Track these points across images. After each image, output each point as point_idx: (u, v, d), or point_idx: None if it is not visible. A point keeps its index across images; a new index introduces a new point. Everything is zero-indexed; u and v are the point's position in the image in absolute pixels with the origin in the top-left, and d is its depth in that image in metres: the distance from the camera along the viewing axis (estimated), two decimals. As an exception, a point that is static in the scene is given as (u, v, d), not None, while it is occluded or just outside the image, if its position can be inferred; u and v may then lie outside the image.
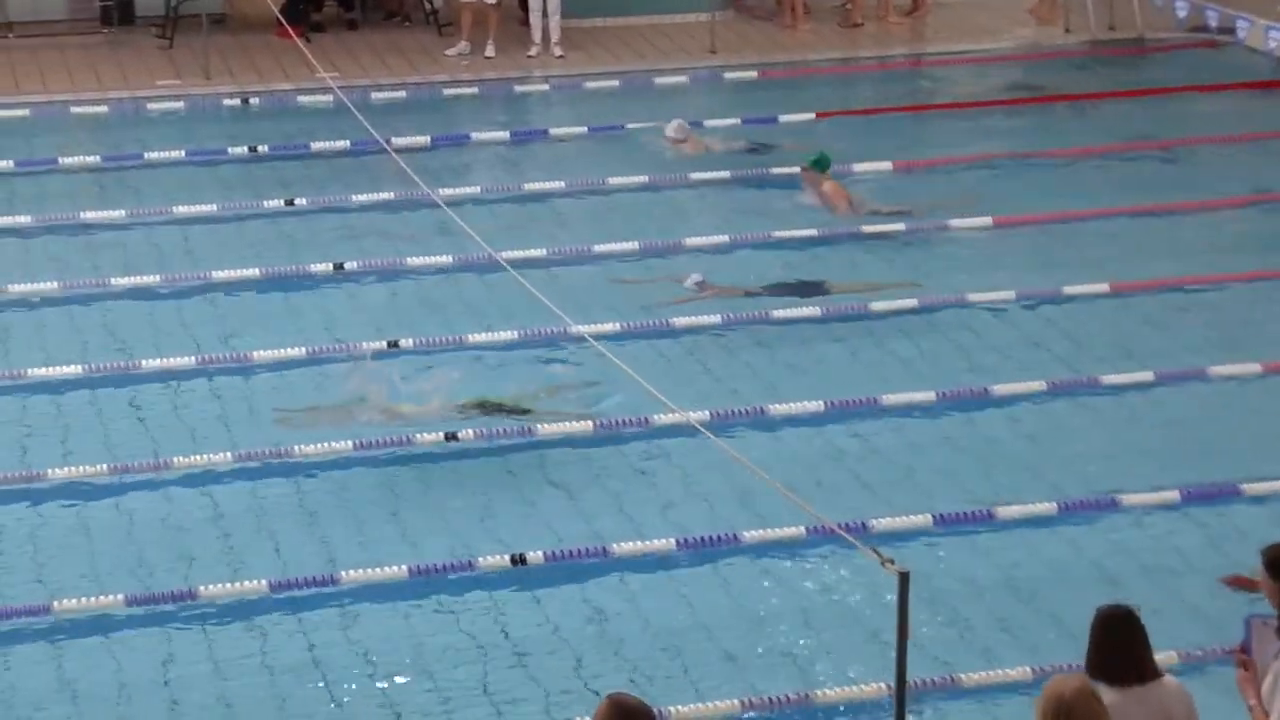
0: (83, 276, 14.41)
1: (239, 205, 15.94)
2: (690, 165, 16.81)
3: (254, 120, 18.37)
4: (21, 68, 19.50)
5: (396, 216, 15.74)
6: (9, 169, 16.82)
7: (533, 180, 16.52)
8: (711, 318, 13.66)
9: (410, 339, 13.25)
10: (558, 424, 11.98)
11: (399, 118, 18.13)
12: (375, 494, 11.34)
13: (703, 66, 19.97)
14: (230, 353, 13.10)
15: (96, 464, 11.48)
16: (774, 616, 10.11)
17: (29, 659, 9.71)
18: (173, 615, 10.05)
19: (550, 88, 19.44)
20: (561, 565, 10.49)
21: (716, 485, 11.36)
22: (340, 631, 9.97)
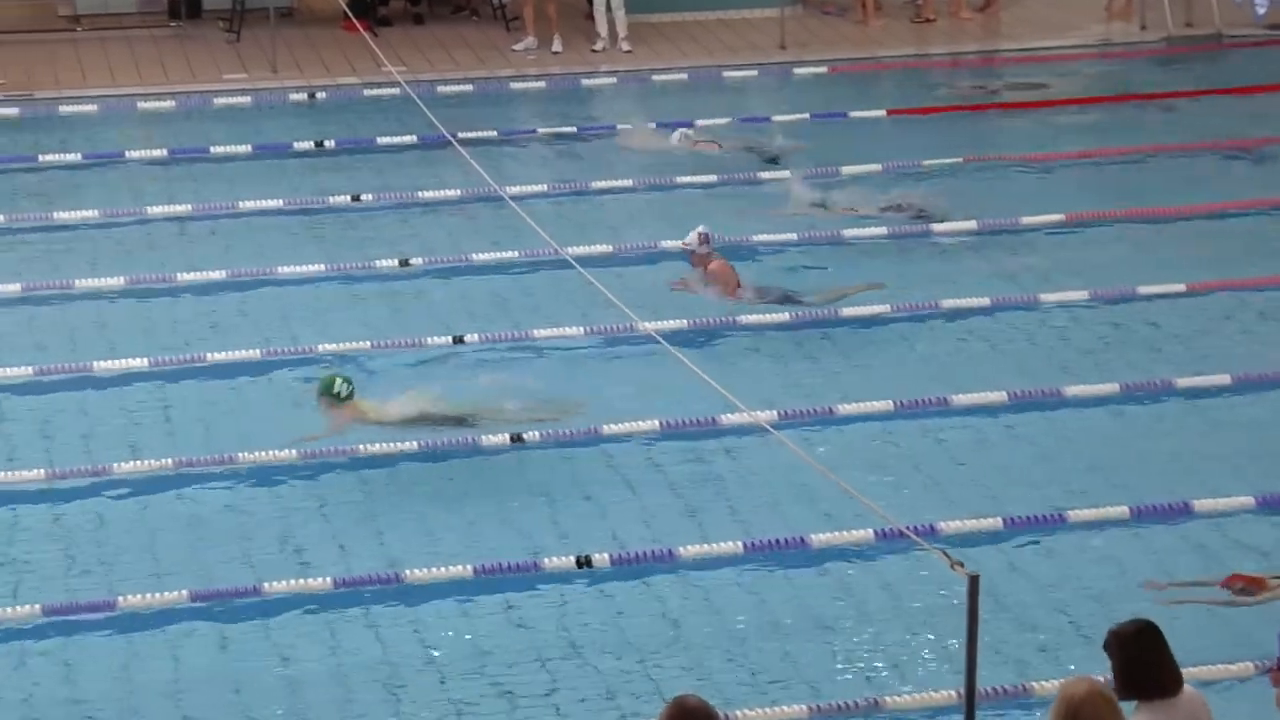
0: (148, 271, 14.49)
1: (305, 200, 16.01)
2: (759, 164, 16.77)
3: (320, 115, 18.44)
4: (89, 61, 19.64)
5: (462, 212, 15.77)
6: (76, 162, 16.95)
7: (599, 176, 16.52)
8: (779, 315, 13.63)
9: (475, 334, 13.27)
10: (623, 423, 11.96)
11: (465, 112, 18.17)
12: (439, 493, 11.36)
13: (772, 62, 19.92)
14: (295, 347, 13.14)
15: (162, 458, 11.53)
16: (841, 620, 10.07)
17: (94, 654, 9.77)
18: (237, 612, 10.09)
19: (617, 82, 19.43)
20: (627, 567, 10.48)
21: (783, 486, 11.32)
22: (404, 630, 9.98)
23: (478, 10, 21.40)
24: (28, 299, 14.02)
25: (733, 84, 19.42)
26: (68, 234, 15.37)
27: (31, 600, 10.12)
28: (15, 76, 19.05)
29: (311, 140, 17.45)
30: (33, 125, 18.00)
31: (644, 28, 20.90)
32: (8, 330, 13.57)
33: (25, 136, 17.65)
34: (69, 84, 18.95)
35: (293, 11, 21.19)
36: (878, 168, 16.69)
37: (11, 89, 18.70)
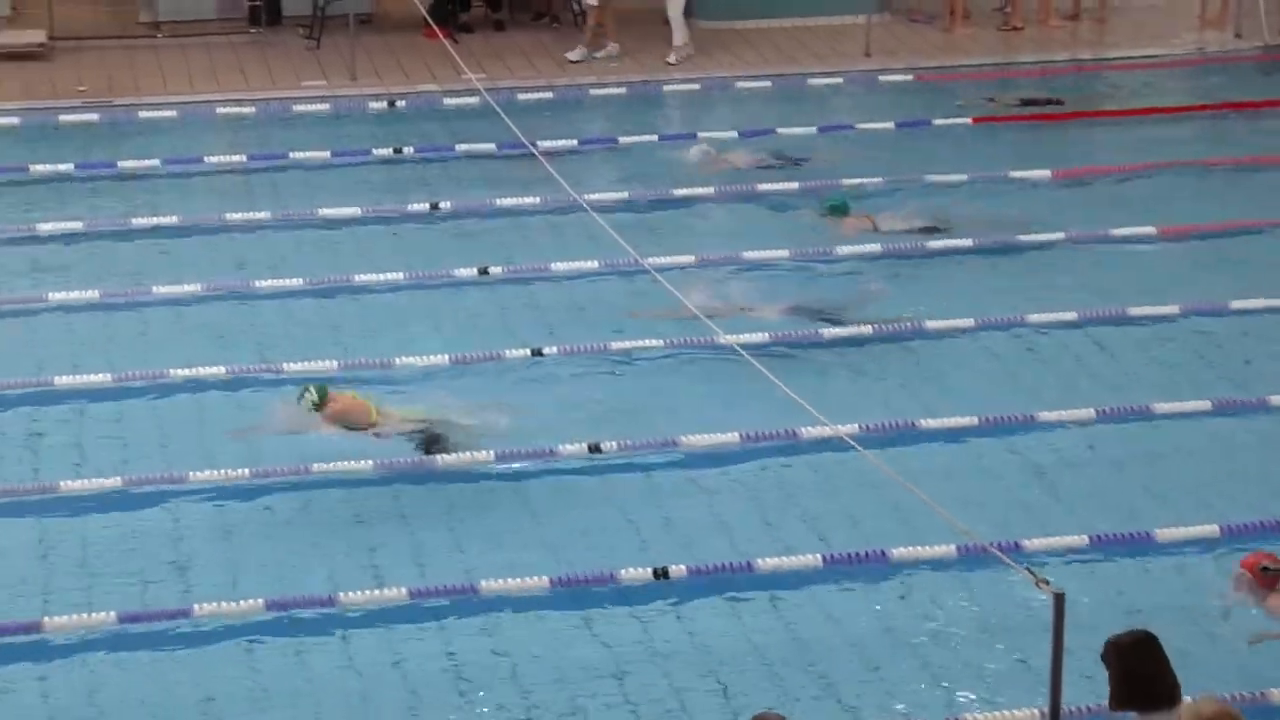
0: (225, 278, 14.61)
1: (383, 208, 16.10)
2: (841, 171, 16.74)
3: (400, 122, 18.54)
4: (169, 67, 19.82)
5: (542, 220, 15.82)
6: (155, 168, 17.11)
7: (680, 184, 16.53)
8: (862, 329, 13.60)
9: (553, 345, 13.31)
10: (702, 435, 11.97)
11: (546, 120, 18.23)
12: (516, 504, 11.40)
13: (857, 70, 19.90)
14: (374, 358, 13.22)
15: (238, 468, 11.62)
16: (921, 636, 10.05)
17: (170, 664, 9.86)
18: (312, 622, 10.16)
19: (700, 89, 19.46)
20: (705, 579, 10.49)
21: (864, 500, 11.31)
22: (480, 641, 10.03)
23: (558, 17, 21.46)
24: (105, 305, 14.16)
25: (816, 91, 19.40)
26: (146, 240, 15.51)
27: (106, 607, 10.21)
28: (96, 82, 19.26)
29: (390, 147, 17.56)
30: (112, 131, 18.18)
31: (727, 34, 20.92)
32: (85, 336, 13.71)
33: (105, 142, 17.83)
34: (149, 90, 19.13)
35: (373, 18, 21.31)
36: (963, 177, 16.64)
37: (92, 95, 18.90)
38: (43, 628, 10.04)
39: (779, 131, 17.92)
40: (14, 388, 12.75)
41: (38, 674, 9.79)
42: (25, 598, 10.42)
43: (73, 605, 10.30)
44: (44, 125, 18.22)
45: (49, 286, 14.43)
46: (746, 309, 13.77)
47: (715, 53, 20.42)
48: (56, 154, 17.36)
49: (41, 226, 15.65)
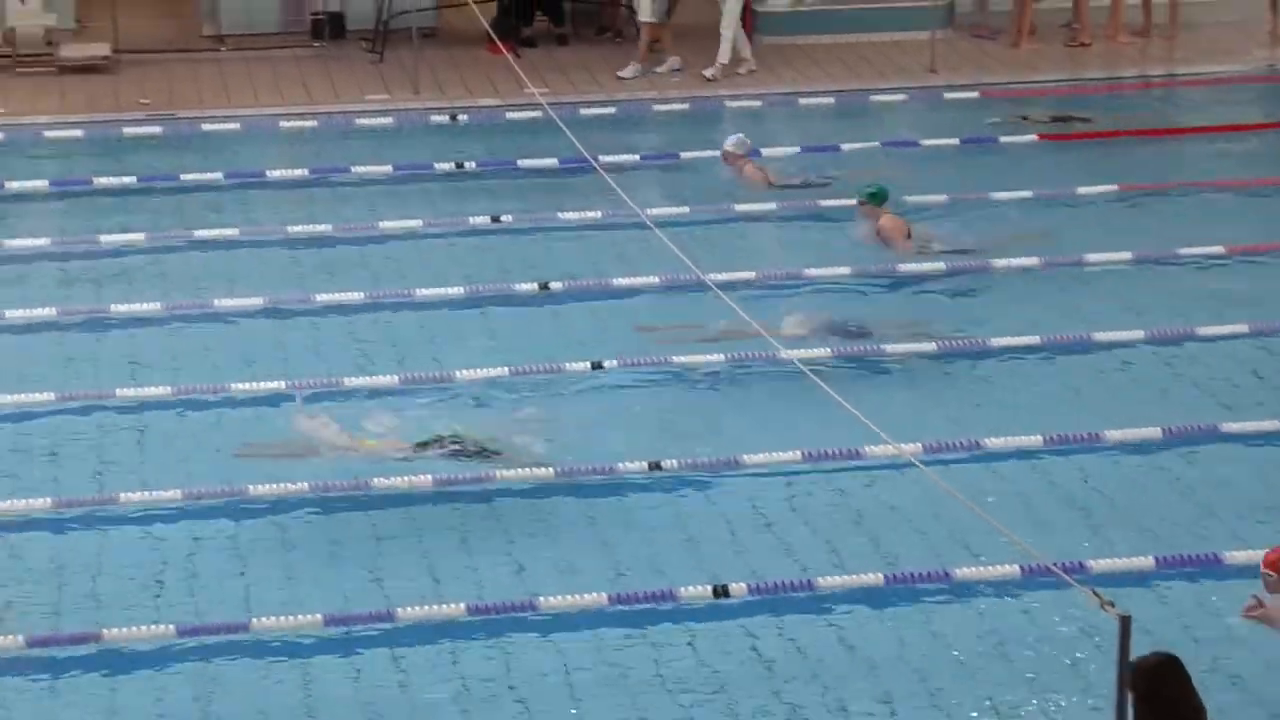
0: (287, 291, 14.67)
1: (445, 222, 16.14)
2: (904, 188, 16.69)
3: (462, 136, 18.61)
4: (233, 80, 19.94)
5: (604, 235, 15.83)
6: (218, 181, 17.21)
7: (743, 200, 16.51)
8: (926, 345, 13.56)
9: (613, 360, 13.31)
10: (763, 453, 11.96)
11: (608, 135, 18.25)
12: (575, 520, 11.40)
13: (921, 86, 19.85)
14: (434, 372, 13.25)
15: (299, 481, 11.66)
16: (983, 657, 10.00)
17: (228, 677, 9.90)
18: (368, 636, 10.18)
19: (763, 105, 19.45)
20: (765, 598, 10.47)
21: (927, 520, 11.27)
22: (537, 657, 10.03)
23: (622, 31, 21.48)
24: (169, 318, 14.24)
25: (879, 108, 19.36)
26: (209, 253, 15.60)
27: (167, 620, 10.26)
28: (159, 95, 19.39)
29: (452, 161, 17.61)
30: (175, 144, 18.30)
31: (790, 50, 20.91)
32: (148, 349, 13.78)
33: (168, 155, 17.94)
34: (212, 103, 19.25)
35: (436, 32, 21.39)
36: (1027, 194, 16.58)
37: (156, 108, 19.03)
38: (102, 638, 10.09)
39: (842, 148, 17.90)
40: (76, 399, 12.83)
41: (97, 684, 9.83)
42: (86, 610, 10.47)
43: (134, 617, 10.34)
44: (107, 138, 18.37)
45: (111, 299, 14.53)
46: (808, 325, 13.74)
47: (778, 68, 20.41)
48: (119, 167, 17.49)
49: (104, 239, 15.77)
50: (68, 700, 9.73)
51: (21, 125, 18.55)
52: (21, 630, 10.16)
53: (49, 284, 14.93)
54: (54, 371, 13.37)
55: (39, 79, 19.84)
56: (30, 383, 13.10)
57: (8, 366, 13.44)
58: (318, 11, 21.24)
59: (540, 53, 20.85)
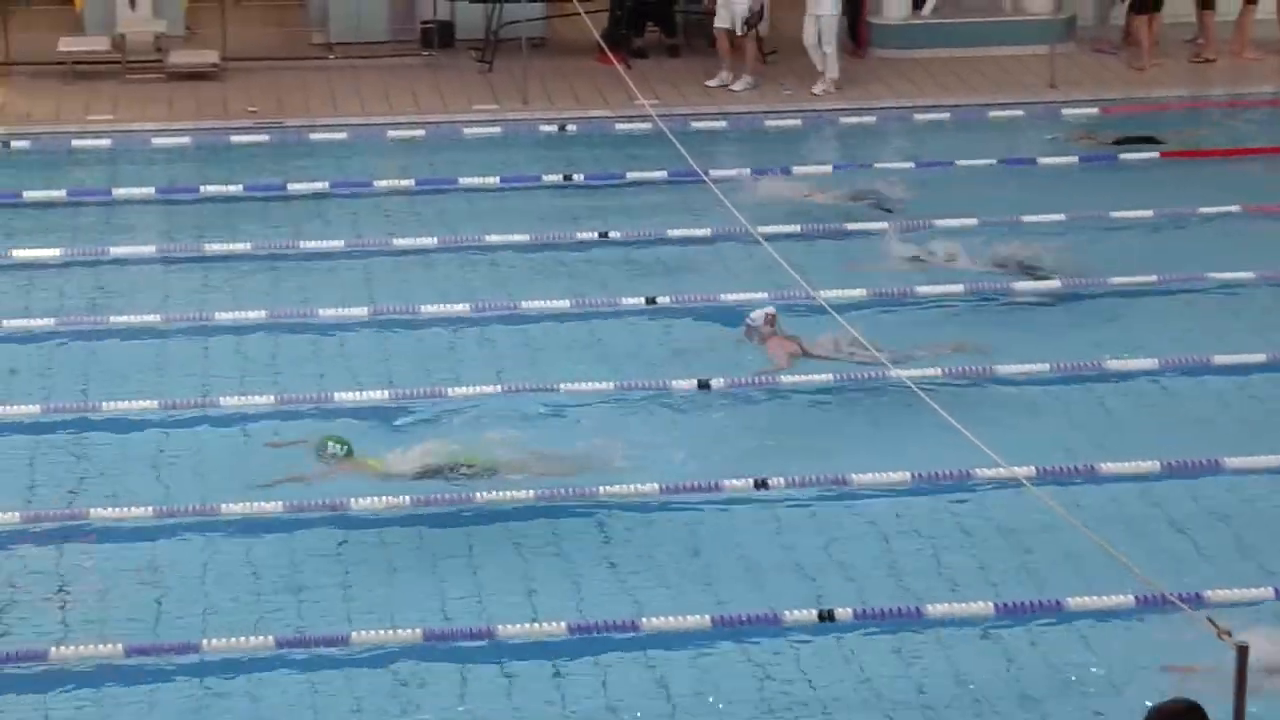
0: (391, 302, 14.77)
1: (552, 234, 16.20)
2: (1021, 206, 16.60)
3: (570, 147, 18.68)
4: (340, 89, 20.11)
5: (712, 250, 15.83)
6: (324, 191, 17.36)
7: (854, 218, 16.47)
8: (1040, 366, 13.48)
9: (721, 377, 13.31)
10: (872, 474, 11.92)
11: (719, 148, 18.27)
12: (680, 540, 11.41)
13: (1040, 101, 19.75)
14: (538, 384, 13.29)
15: (400, 496, 11.72)
16: (1095, 686, 9.93)
17: (327, 689, 9.96)
18: (469, 652, 10.22)
19: (876, 120, 19.41)
20: (871, 622, 10.44)
21: (1039, 545, 11.20)
22: (639, 678, 10.04)
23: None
24: (273, 326, 14.37)
25: (997, 123, 19.27)
26: (313, 262, 15.73)
27: (267, 632, 10.35)
28: (267, 104, 19.59)
29: (560, 173, 17.68)
30: (282, 152, 18.48)
31: (905, 63, 20.87)
32: (252, 357, 13.92)
33: (274, 164, 18.13)
34: (319, 112, 19.43)
35: (546, 42, 21.49)
36: (1148, 214, 16.46)
37: (263, 116, 19.23)
38: (201, 649, 10.19)
39: (957, 163, 17.84)
40: (181, 408, 12.96)
41: (194, 693, 9.92)
42: (187, 618, 10.57)
43: (233, 628, 10.44)
44: (215, 146, 18.57)
45: (216, 307, 14.68)
46: (918, 343, 13.69)
47: (892, 82, 20.37)
48: (226, 175, 17.69)
49: (210, 247, 15.94)
50: (166, 711, 9.82)
51: (130, 132, 18.79)
52: (121, 638, 10.27)
53: (153, 292, 15.10)
54: (157, 379, 13.52)
55: (148, 86, 20.09)
56: (133, 390, 13.25)
57: (111, 374, 13.60)
58: (427, 20, 21.39)
59: (651, 64, 20.90)
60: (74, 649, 10.15)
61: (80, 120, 19.10)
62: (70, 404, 13.02)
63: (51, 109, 19.41)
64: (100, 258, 15.73)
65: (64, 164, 18.14)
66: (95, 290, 15.13)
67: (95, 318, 14.46)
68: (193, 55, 20.63)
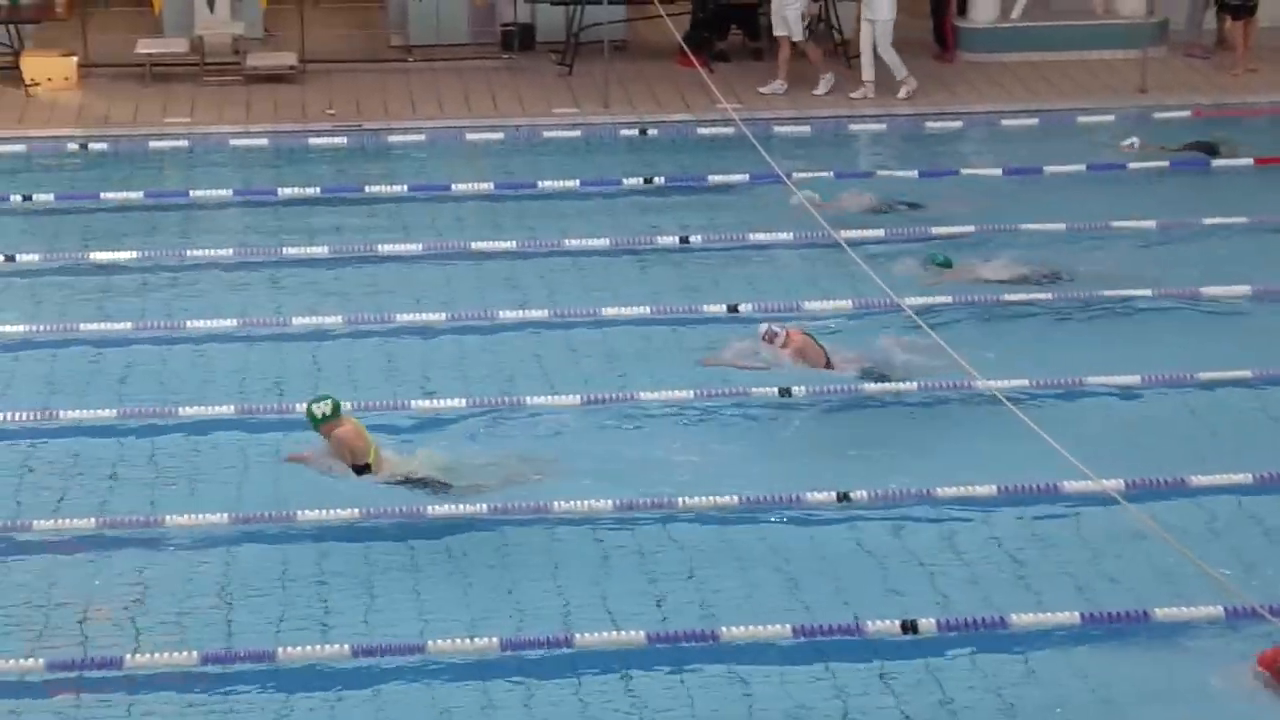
0: (470, 308, 14.83)
1: (632, 239, 16.23)
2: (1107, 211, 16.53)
3: (651, 151, 18.71)
4: (419, 92, 20.22)
5: (794, 256, 15.82)
6: (401, 194, 17.45)
7: (940, 223, 16.43)
8: (1130, 378, 13.41)
9: (802, 386, 13.30)
10: (957, 486, 11.90)
11: (802, 152, 18.26)
12: (762, 550, 11.41)
13: (1131, 106, 19.65)
14: (617, 392, 13.32)
15: (476, 505, 11.76)
16: (1186, 701, 9.88)
17: (402, 698, 10.03)
18: (546, 661, 10.27)
19: (963, 125, 19.37)
20: (955, 634, 10.42)
21: (1128, 558, 11.16)
22: (720, 689, 10.06)
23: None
24: (350, 332, 14.45)
25: (1086, 128, 19.19)
26: (391, 267, 15.81)
27: (341, 640, 10.42)
28: (345, 106, 19.71)
29: (641, 177, 17.72)
30: (360, 155, 18.60)
31: (993, 67, 20.81)
32: (328, 363, 14.00)
33: (352, 167, 18.24)
34: (398, 114, 19.53)
35: (627, 45, 21.53)
36: (1242, 220, 16.36)
37: (341, 118, 19.35)
38: (276, 657, 10.27)
39: (1045, 170, 17.79)
40: (259, 413, 13.06)
41: (271, 701, 10.00)
42: (262, 627, 10.65)
43: (307, 635, 10.51)
44: (293, 148, 18.71)
45: (293, 311, 14.79)
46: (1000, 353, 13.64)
47: (980, 86, 20.32)
48: (304, 177, 17.81)
49: (287, 250, 16.05)
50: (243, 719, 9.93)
51: (207, 134, 18.95)
52: (197, 646, 10.37)
53: (230, 295, 15.22)
54: (234, 384, 13.63)
55: (225, 88, 20.25)
56: (211, 395, 13.37)
57: (188, 378, 13.72)
58: (508, 23, 21.47)
59: (733, 67, 20.91)
60: (150, 657, 10.24)
61: (158, 122, 19.28)
62: (146, 409, 13.14)
63: (129, 111, 19.60)
64: (177, 260, 15.87)
65: (141, 166, 18.31)
66: (172, 293, 15.26)
67: (171, 321, 14.58)
68: (271, 57, 20.79)
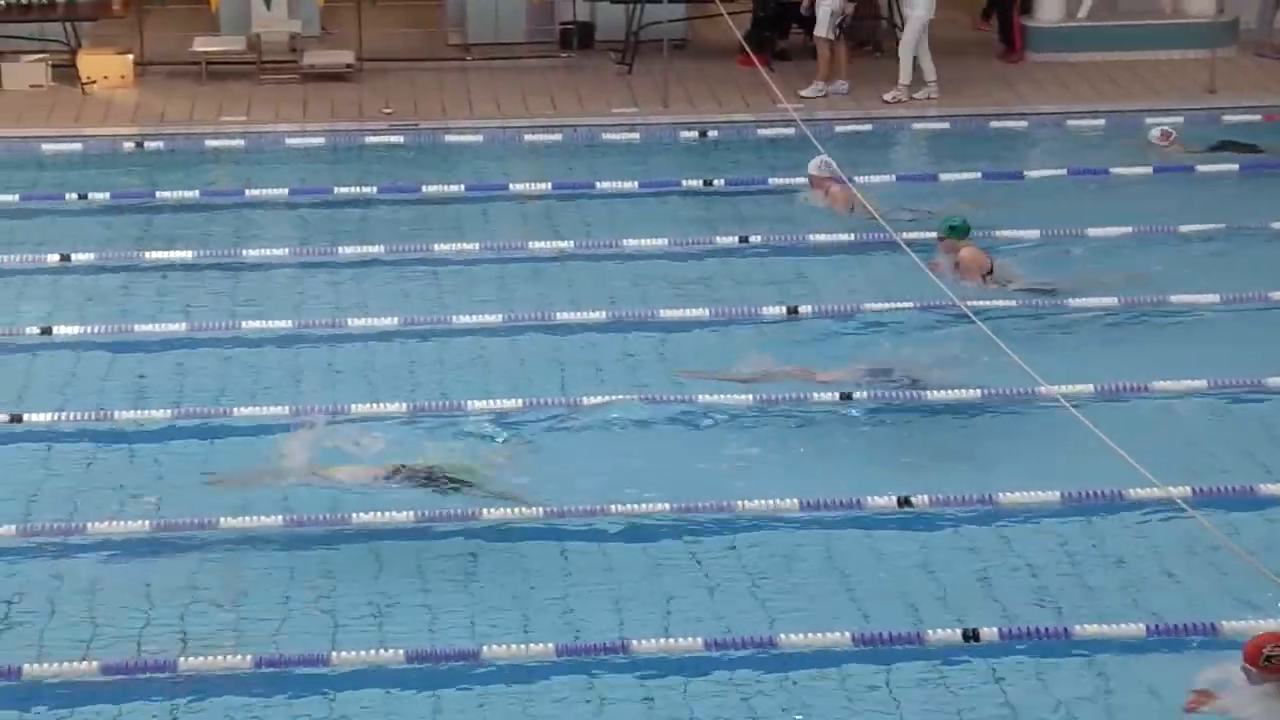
0: (526, 309, 14.85)
1: (691, 241, 16.22)
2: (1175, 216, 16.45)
3: (711, 152, 18.71)
4: (477, 91, 20.26)
5: (855, 260, 15.80)
6: (458, 194, 17.49)
7: (1004, 225, 16.38)
8: (1197, 383, 13.34)
9: (863, 391, 13.27)
10: (1019, 492, 11.86)
11: (863, 153, 18.22)
12: (819, 556, 11.40)
13: (1199, 107, 19.55)
14: (675, 394, 13.32)
15: (533, 507, 11.78)
16: (1252, 717, 9.83)
17: (457, 703, 10.05)
18: (603, 667, 10.28)
19: (1028, 125, 19.30)
20: (1017, 643, 10.39)
21: (1194, 568, 11.11)
22: (779, 697, 10.05)
23: (881, 45, 21.42)
24: (406, 333, 14.49)
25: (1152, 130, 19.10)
26: (447, 267, 15.84)
27: (396, 645, 10.45)
28: (402, 105, 19.77)
29: (701, 178, 17.71)
30: (416, 155, 18.66)
31: (1060, 67, 20.74)
32: (384, 365, 14.04)
33: (408, 166, 18.30)
34: (455, 113, 19.58)
35: (687, 44, 21.53)
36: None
37: (398, 117, 19.41)
38: (330, 661, 10.31)
39: (1112, 172, 17.72)
40: (310, 413, 13.09)
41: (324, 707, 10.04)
42: (315, 634, 10.68)
43: (362, 641, 10.55)
44: (349, 147, 18.78)
45: (348, 312, 14.84)
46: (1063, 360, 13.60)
47: (1046, 86, 20.25)
48: (360, 176, 17.88)
49: (343, 250, 16.11)
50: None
51: (263, 133, 19.04)
52: (251, 650, 10.42)
53: (286, 296, 15.28)
54: (289, 385, 13.68)
55: (282, 86, 20.34)
56: (265, 397, 13.43)
57: (243, 379, 13.78)
58: (567, 21, 21.50)
59: (795, 66, 20.88)
60: (202, 660, 10.29)
61: (214, 121, 19.38)
62: (200, 410, 13.20)
63: (185, 109, 19.71)
64: (233, 260, 15.95)
65: (197, 165, 18.41)
66: (227, 293, 15.33)
67: (226, 322, 14.65)
68: (328, 55, 20.87)
